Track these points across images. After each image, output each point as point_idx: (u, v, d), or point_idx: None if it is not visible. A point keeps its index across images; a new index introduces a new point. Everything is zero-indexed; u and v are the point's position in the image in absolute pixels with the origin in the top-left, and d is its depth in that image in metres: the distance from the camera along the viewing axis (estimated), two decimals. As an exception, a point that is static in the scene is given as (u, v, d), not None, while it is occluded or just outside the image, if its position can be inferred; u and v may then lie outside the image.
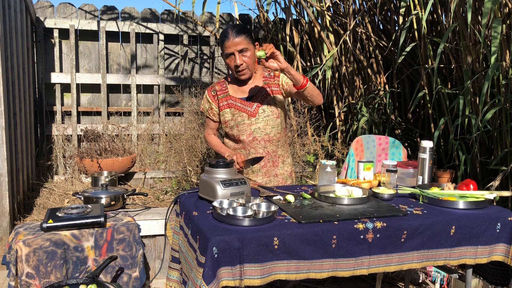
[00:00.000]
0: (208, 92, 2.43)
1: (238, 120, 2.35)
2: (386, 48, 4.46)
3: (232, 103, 2.37)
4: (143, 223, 2.62)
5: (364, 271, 1.74)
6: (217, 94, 2.40)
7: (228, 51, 2.22)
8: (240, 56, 2.23)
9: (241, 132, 2.37)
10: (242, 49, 2.22)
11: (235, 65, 2.25)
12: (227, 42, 2.21)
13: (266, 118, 2.34)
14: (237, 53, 2.22)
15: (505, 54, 3.11)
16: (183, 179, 4.06)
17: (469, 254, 1.88)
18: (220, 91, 2.40)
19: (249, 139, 2.36)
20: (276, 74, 2.40)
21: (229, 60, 2.26)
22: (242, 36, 2.21)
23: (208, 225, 1.69)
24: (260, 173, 2.41)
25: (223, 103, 2.38)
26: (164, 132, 5.16)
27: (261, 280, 1.61)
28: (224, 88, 2.41)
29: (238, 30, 2.21)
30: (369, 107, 4.44)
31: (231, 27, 2.23)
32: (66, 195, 4.05)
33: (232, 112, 2.36)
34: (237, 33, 2.20)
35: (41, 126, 4.85)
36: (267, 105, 2.34)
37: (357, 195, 2.03)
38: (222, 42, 2.24)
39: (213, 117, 2.45)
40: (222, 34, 2.25)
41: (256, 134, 2.36)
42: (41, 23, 4.78)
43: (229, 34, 2.20)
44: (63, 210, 2.35)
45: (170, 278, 2.07)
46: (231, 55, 2.24)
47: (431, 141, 2.30)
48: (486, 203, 1.98)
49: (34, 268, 2.13)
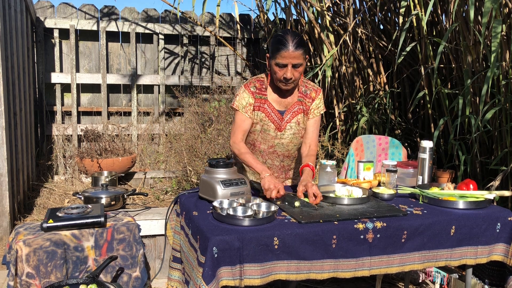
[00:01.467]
0: (246, 87, 2.24)
1: (264, 128, 2.25)
2: (386, 48, 4.46)
3: (266, 109, 2.23)
4: (143, 223, 2.62)
5: (366, 272, 1.73)
6: (256, 92, 2.24)
7: (282, 62, 2.06)
8: (292, 70, 2.08)
9: (264, 141, 2.28)
10: (297, 64, 2.08)
11: (284, 77, 2.10)
12: (284, 52, 2.04)
13: (291, 136, 2.27)
14: (290, 67, 2.07)
15: (505, 54, 3.11)
16: (183, 179, 4.06)
17: (469, 254, 1.88)
18: (259, 90, 2.24)
19: (269, 151, 2.30)
20: (312, 96, 2.29)
21: (278, 69, 2.10)
22: (301, 51, 2.05)
23: (208, 225, 1.69)
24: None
25: (257, 103, 2.23)
26: (164, 132, 5.16)
27: (261, 280, 1.61)
28: (263, 89, 2.25)
29: (299, 43, 2.05)
30: (369, 107, 4.44)
31: (291, 36, 2.05)
32: (66, 195, 4.06)
33: (261, 117, 2.24)
34: (297, 46, 2.04)
35: (41, 126, 4.85)
36: (296, 124, 2.26)
37: (357, 195, 2.03)
38: (277, 49, 2.06)
39: (250, 115, 2.23)
40: (278, 40, 2.07)
41: (277, 148, 2.29)
42: (41, 23, 4.78)
43: (289, 44, 2.03)
44: (63, 210, 2.35)
45: (172, 278, 2.07)
46: (283, 66, 2.09)
47: (431, 141, 2.30)
48: (486, 203, 1.98)
49: (34, 268, 2.14)
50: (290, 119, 2.26)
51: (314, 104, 2.28)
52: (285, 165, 2.38)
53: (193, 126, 4.45)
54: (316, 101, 2.29)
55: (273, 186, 1.96)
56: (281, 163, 2.36)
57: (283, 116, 2.25)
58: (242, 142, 2.23)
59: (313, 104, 2.28)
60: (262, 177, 2.03)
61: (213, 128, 4.24)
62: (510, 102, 3.06)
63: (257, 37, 5.47)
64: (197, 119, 4.52)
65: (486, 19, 2.68)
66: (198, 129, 4.37)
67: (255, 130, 2.27)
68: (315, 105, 2.29)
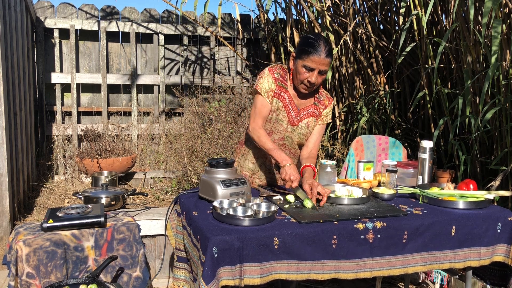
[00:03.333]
0: (271, 71, 2.21)
1: (279, 118, 2.23)
2: (386, 48, 4.46)
3: (285, 99, 2.22)
4: (143, 223, 2.62)
5: (368, 274, 1.73)
6: (279, 79, 2.22)
7: (311, 66, 2.07)
8: (317, 76, 2.11)
9: (275, 130, 2.26)
10: (323, 71, 2.11)
11: (308, 80, 2.11)
12: (315, 57, 2.05)
13: (299, 135, 2.28)
14: (317, 72, 2.09)
15: (505, 54, 3.11)
16: (183, 179, 4.06)
17: (473, 256, 1.88)
18: (282, 78, 2.23)
19: (280, 143, 2.29)
20: (325, 103, 2.31)
21: (304, 72, 2.10)
22: (330, 59, 2.08)
23: (208, 225, 1.69)
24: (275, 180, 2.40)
25: (278, 91, 2.22)
26: (164, 132, 5.16)
27: (260, 279, 1.61)
28: (286, 78, 2.24)
29: (330, 51, 2.08)
30: (369, 107, 4.44)
31: (324, 42, 2.07)
32: (66, 195, 4.06)
33: (279, 106, 2.22)
34: (327, 54, 2.06)
35: (41, 126, 4.85)
36: (306, 125, 2.27)
37: (357, 195, 2.03)
38: (307, 52, 2.06)
39: (271, 100, 2.21)
40: (310, 43, 2.07)
41: (286, 141, 2.29)
42: (41, 23, 4.78)
43: (320, 50, 2.05)
44: (63, 210, 2.35)
45: (177, 277, 2.07)
46: (311, 70, 2.09)
47: (431, 141, 2.30)
48: (486, 203, 1.98)
49: (34, 268, 2.14)
50: (303, 118, 2.27)
51: (325, 111, 2.31)
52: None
53: (193, 126, 4.45)
54: (328, 109, 2.31)
55: (294, 177, 1.98)
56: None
57: (298, 112, 2.26)
58: (262, 129, 2.20)
59: (325, 111, 2.31)
60: (283, 166, 2.03)
61: (213, 128, 4.24)
62: (510, 102, 3.05)
63: (257, 37, 5.47)
64: (197, 119, 4.52)
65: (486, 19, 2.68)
66: (198, 129, 4.37)
67: (271, 118, 2.25)
68: (326, 113, 2.31)
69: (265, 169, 2.38)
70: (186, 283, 2.03)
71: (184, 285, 2.04)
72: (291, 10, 4.66)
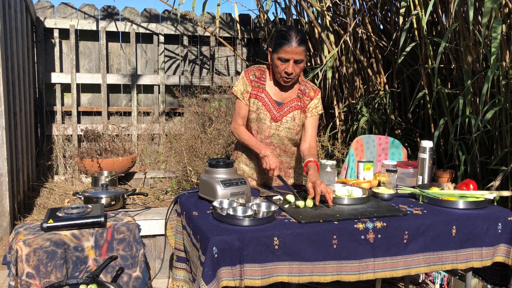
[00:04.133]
0: (246, 74, 2.30)
1: (260, 117, 2.28)
2: (386, 48, 4.46)
3: (262, 98, 2.27)
4: (143, 223, 2.62)
5: (370, 276, 1.72)
6: (255, 80, 2.29)
7: (285, 56, 2.12)
8: (293, 65, 2.15)
9: (260, 130, 2.31)
10: (299, 60, 2.14)
11: (285, 71, 2.16)
12: (288, 47, 2.10)
13: (286, 130, 2.29)
14: (292, 62, 2.14)
15: (505, 54, 3.11)
16: (183, 179, 4.06)
17: (475, 256, 1.87)
18: (258, 80, 2.29)
19: (266, 141, 2.32)
20: (311, 95, 2.33)
21: (280, 64, 2.16)
22: (304, 47, 2.12)
23: (208, 225, 1.69)
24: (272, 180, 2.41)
25: (254, 91, 2.28)
26: (164, 132, 5.16)
27: (261, 281, 1.60)
28: (263, 79, 2.30)
29: (302, 40, 2.11)
30: (369, 107, 4.44)
31: (295, 32, 2.11)
32: (66, 195, 4.06)
33: (258, 106, 2.27)
34: (300, 42, 2.10)
35: (41, 126, 4.85)
36: (291, 119, 2.28)
37: (357, 195, 2.03)
38: (280, 43, 2.11)
39: (247, 102, 2.30)
40: (282, 35, 2.13)
41: (273, 139, 2.32)
42: (41, 23, 4.78)
43: (292, 40, 2.09)
44: (63, 210, 2.35)
45: (177, 277, 2.07)
46: (286, 61, 2.14)
47: (431, 141, 2.30)
48: (486, 203, 1.98)
49: (34, 268, 2.14)
50: (287, 113, 2.29)
51: (312, 103, 2.32)
52: (283, 161, 2.39)
53: (193, 126, 4.45)
54: (315, 100, 2.33)
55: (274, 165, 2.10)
56: (279, 157, 2.37)
57: (280, 107, 2.28)
58: (242, 127, 2.33)
59: (311, 103, 2.32)
60: (262, 156, 2.14)
61: (213, 128, 4.24)
62: (510, 102, 3.06)
63: (257, 37, 5.47)
64: (197, 119, 4.52)
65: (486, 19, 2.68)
66: (198, 129, 4.37)
67: (251, 118, 2.31)
68: (314, 105, 2.33)
69: (259, 170, 2.40)
70: (186, 283, 2.03)
71: (184, 285, 2.04)
72: (291, 10, 4.66)
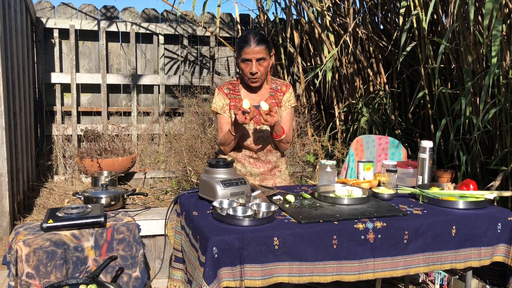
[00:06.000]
0: (221, 89, 2.42)
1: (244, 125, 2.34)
2: (386, 48, 4.45)
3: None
4: (143, 223, 2.61)
5: (370, 276, 1.72)
6: (229, 92, 2.41)
7: (246, 57, 2.25)
8: (256, 65, 2.26)
9: (245, 136, 2.39)
10: (260, 58, 2.25)
11: (250, 72, 2.28)
12: (247, 49, 2.23)
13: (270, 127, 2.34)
14: (255, 61, 2.25)
15: (505, 54, 3.11)
16: (183, 179, 4.06)
17: (473, 256, 1.87)
18: (233, 92, 2.42)
19: (252, 146, 2.40)
20: (283, 90, 2.43)
21: (245, 66, 2.29)
22: (263, 46, 2.24)
23: (208, 225, 1.69)
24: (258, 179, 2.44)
25: (232, 102, 2.40)
26: (164, 132, 5.16)
27: (262, 281, 1.60)
28: (236, 89, 2.42)
29: (260, 39, 2.24)
30: (369, 107, 4.44)
31: (253, 34, 2.25)
32: (66, 195, 4.05)
33: None
34: (258, 42, 2.23)
35: (41, 126, 4.85)
36: None
37: (357, 195, 2.03)
38: (241, 47, 2.26)
39: (228, 114, 2.41)
40: (242, 39, 2.27)
41: (259, 142, 2.40)
42: (41, 23, 4.78)
43: (250, 41, 2.23)
44: (63, 210, 2.34)
45: (174, 278, 2.07)
46: (247, 61, 2.27)
47: (431, 141, 2.30)
48: (486, 203, 1.98)
49: (34, 268, 2.13)
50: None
51: (285, 97, 2.44)
52: (271, 161, 2.45)
53: (193, 126, 4.45)
54: (287, 94, 2.44)
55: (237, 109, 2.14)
56: (266, 157, 2.44)
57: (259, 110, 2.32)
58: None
59: (285, 97, 2.44)
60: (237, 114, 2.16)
61: (213, 128, 4.24)
62: (510, 102, 3.05)
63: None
64: (197, 119, 4.52)
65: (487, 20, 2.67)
66: (198, 129, 4.37)
67: None
68: (287, 98, 2.44)
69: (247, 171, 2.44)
70: (183, 284, 2.03)
71: (181, 286, 2.05)
72: (291, 10, 4.66)
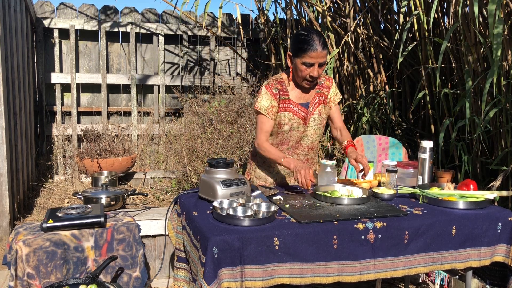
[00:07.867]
0: (268, 89, 2.27)
1: (293, 126, 2.29)
2: (387, 48, 4.45)
3: (291, 108, 2.27)
4: (143, 223, 2.61)
5: (371, 276, 1.72)
6: (279, 93, 2.27)
7: (310, 61, 2.13)
8: (318, 69, 2.16)
9: (292, 137, 2.32)
10: (322, 63, 2.16)
11: (310, 75, 2.17)
12: (312, 52, 2.10)
13: (315, 127, 2.33)
14: (317, 65, 2.15)
15: (506, 54, 3.10)
16: (183, 179, 4.06)
17: (473, 256, 1.87)
18: (282, 92, 2.28)
19: (296, 145, 2.35)
20: (327, 85, 2.36)
21: (305, 68, 2.16)
22: (326, 50, 2.14)
23: (208, 225, 1.68)
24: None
25: (282, 104, 2.27)
26: (164, 132, 5.16)
27: (263, 282, 1.59)
28: (285, 89, 2.29)
29: (324, 43, 2.13)
30: (369, 107, 4.43)
31: (316, 36, 2.12)
32: (66, 195, 4.05)
33: (289, 116, 2.27)
34: (323, 46, 2.12)
35: (41, 126, 4.85)
36: (318, 115, 2.32)
37: (357, 195, 2.02)
38: (304, 49, 2.11)
39: (272, 116, 2.27)
40: (304, 40, 2.12)
41: (303, 141, 2.35)
42: (41, 23, 4.78)
43: (316, 44, 2.10)
44: (63, 210, 2.34)
45: (178, 277, 2.06)
46: (310, 65, 2.14)
47: (431, 141, 2.30)
48: (486, 203, 1.98)
49: (34, 268, 2.13)
50: (313, 111, 2.32)
51: (331, 92, 2.37)
52: (309, 159, 2.42)
53: (193, 126, 4.44)
54: (333, 88, 2.38)
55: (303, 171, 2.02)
56: (306, 156, 2.40)
57: (306, 109, 2.31)
58: (267, 142, 2.29)
59: (331, 92, 2.37)
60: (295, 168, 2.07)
61: (213, 128, 4.24)
62: (510, 102, 3.05)
63: (257, 38, 5.46)
64: (197, 119, 4.52)
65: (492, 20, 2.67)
66: (198, 129, 4.37)
67: (284, 130, 2.31)
68: (333, 93, 2.38)
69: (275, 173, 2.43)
70: (186, 283, 2.03)
71: (184, 285, 2.04)
72: (291, 10, 4.66)
